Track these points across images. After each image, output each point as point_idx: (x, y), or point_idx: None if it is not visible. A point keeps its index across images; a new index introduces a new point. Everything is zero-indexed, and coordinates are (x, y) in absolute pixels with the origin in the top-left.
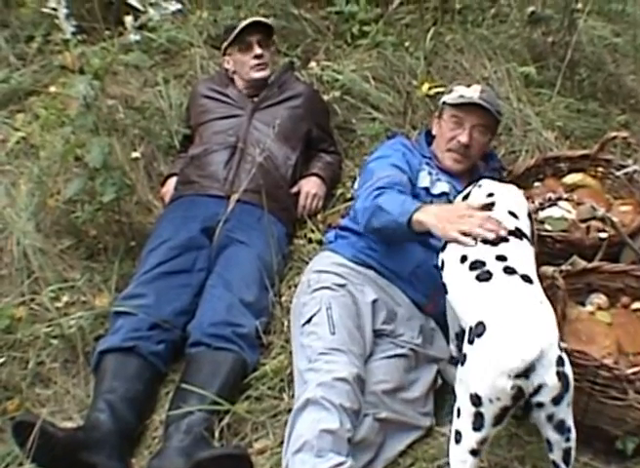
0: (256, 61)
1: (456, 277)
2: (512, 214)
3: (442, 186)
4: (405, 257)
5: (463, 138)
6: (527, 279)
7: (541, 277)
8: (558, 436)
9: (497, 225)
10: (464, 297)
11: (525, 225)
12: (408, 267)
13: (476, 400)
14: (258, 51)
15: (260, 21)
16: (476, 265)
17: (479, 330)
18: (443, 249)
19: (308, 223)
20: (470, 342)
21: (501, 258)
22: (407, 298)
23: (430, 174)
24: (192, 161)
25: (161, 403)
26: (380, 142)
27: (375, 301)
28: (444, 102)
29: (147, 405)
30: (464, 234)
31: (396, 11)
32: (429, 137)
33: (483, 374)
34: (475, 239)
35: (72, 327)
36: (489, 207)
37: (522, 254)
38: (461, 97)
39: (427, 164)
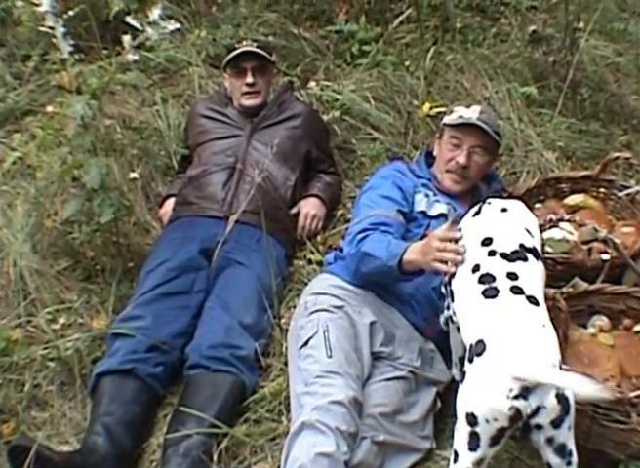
0: (246, 89)
1: (464, 286)
2: (528, 231)
3: (440, 207)
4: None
5: (462, 159)
6: (533, 300)
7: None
8: (559, 460)
9: (453, 243)
10: (468, 312)
11: (538, 243)
12: (407, 289)
13: (472, 419)
14: (249, 79)
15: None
16: (485, 279)
17: (479, 348)
18: None
19: (308, 244)
20: (470, 360)
21: (512, 276)
22: (406, 321)
23: (427, 196)
24: (191, 182)
25: (159, 426)
26: (380, 163)
27: (373, 323)
28: (444, 124)
29: (145, 428)
30: (440, 261)
31: (396, 30)
32: (430, 159)
33: (480, 394)
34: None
35: (69, 349)
36: (454, 222)
37: (533, 275)
38: (460, 117)
39: (424, 185)
